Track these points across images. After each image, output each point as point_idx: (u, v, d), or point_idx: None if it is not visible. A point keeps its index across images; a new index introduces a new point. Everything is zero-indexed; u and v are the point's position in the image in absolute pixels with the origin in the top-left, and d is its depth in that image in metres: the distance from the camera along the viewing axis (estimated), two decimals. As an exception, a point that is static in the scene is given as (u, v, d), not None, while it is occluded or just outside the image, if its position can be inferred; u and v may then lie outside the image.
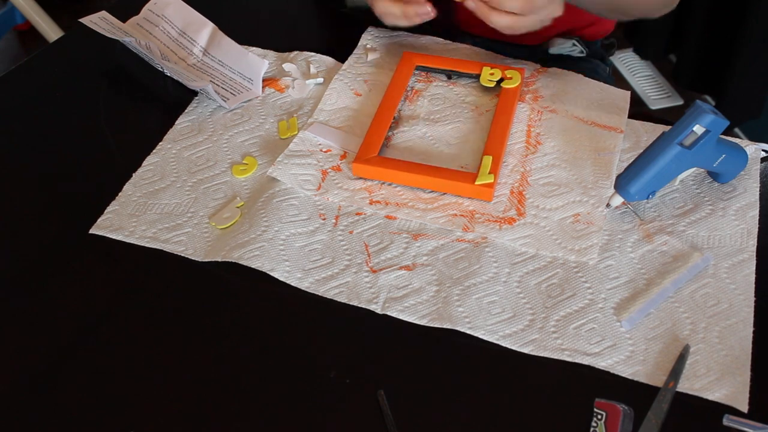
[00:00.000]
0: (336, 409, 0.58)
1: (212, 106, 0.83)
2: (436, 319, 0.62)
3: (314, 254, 0.68)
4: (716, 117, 0.63)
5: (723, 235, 0.67)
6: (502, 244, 0.68)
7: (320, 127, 0.79)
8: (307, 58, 0.88)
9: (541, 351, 0.60)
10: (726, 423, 0.55)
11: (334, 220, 0.70)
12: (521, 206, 0.70)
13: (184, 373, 0.61)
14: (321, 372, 0.60)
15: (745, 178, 0.71)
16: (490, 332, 0.61)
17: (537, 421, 0.57)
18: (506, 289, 0.64)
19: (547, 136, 0.77)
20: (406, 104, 0.81)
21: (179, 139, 0.80)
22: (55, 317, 0.65)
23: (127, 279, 0.68)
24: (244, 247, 0.67)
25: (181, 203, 0.73)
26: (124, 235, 0.70)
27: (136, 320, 0.64)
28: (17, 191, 0.77)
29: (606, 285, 0.64)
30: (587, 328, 0.61)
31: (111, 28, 0.88)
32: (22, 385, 0.60)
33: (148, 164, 0.77)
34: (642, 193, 0.66)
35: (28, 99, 0.88)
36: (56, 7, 2.09)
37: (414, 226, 0.70)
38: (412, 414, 0.57)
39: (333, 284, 0.65)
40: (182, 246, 0.69)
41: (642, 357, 0.59)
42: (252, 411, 0.58)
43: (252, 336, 0.63)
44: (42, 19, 1.98)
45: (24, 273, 0.68)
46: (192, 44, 0.89)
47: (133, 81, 0.89)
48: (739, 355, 0.59)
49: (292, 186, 0.73)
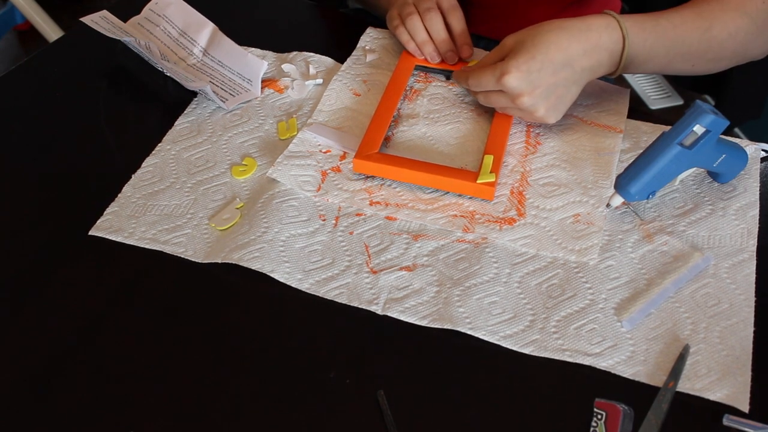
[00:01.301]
0: (336, 409, 0.58)
1: (211, 107, 0.83)
2: (437, 320, 0.62)
3: (314, 255, 0.68)
4: (716, 117, 0.63)
5: (723, 234, 0.67)
6: (502, 245, 0.67)
7: (320, 127, 0.79)
8: (306, 59, 0.88)
9: (541, 351, 0.60)
10: (726, 423, 0.55)
11: (334, 221, 0.70)
12: (521, 206, 0.70)
13: (183, 374, 0.61)
14: (321, 372, 0.60)
15: (745, 178, 0.71)
16: (490, 333, 0.61)
17: (537, 420, 0.57)
18: (507, 289, 0.64)
19: (547, 136, 0.77)
20: (405, 103, 0.81)
21: (178, 140, 0.80)
22: (55, 317, 0.65)
23: (126, 280, 0.67)
24: (244, 248, 0.67)
25: (181, 204, 0.73)
26: (124, 236, 0.70)
27: (136, 321, 0.64)
28: (17, 191, 0.77)
29: (606, 285, 0.64)
30: (588, 328, 0.61)
31: (111, 27, 0.88)
32: (22, 385, 0.60)
33: (147, 165, 0.77)
34: (642, 193, 0.66)
35: (28, 99, 0.88)
36: (56, 7, 2.09)
37: (414, 226, 0.70)
38: (412, 414, 0.57)
39: (333, 285, 0.65)
40: (182, 247, 0.69)
41: (643, 357, 0.59)
42: (252, 411, 0.58)
43: (252, 336, 0.63)
44: (42, 19, 1.98)
45: (24, 273, 0.68)
46: (192, 44, 0.89)
47: (133, 81, 0.89)
48: (739, 355, 0.59)
49: (292, 187, 0.73)
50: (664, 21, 0.72)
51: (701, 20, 0.73)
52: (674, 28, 0.72)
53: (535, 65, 0.69)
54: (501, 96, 0.72)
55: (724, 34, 0.73)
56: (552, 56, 0.69)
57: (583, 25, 0.70)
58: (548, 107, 0.72)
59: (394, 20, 0.84)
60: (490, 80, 0.71)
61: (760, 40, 0.76)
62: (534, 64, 0.69)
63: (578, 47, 0.70)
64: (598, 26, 0.70)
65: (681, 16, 0.73)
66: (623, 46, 0.71)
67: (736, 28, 0.73)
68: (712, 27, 0.73)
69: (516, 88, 0.70)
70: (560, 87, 0.71)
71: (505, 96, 0.72)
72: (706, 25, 0.73)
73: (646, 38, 0.72)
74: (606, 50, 0.71)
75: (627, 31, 0.70)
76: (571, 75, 0.70)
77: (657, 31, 0.72)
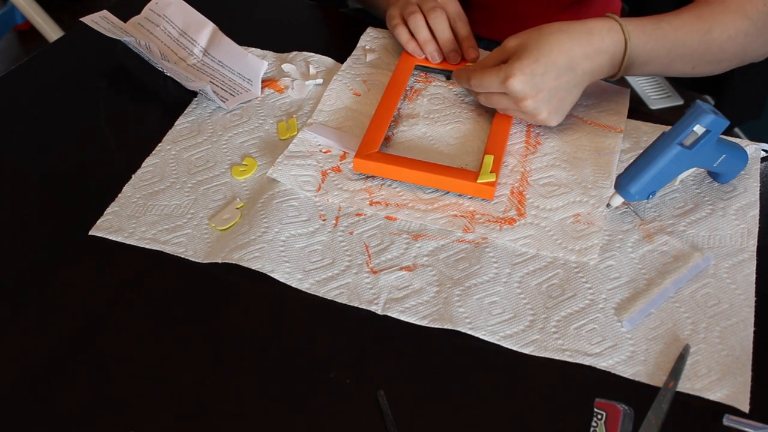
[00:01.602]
0: (336, 409, 0.58)
1: (211, 107, 0.83)
2: (437, 320, 0.62)
3: (314, 255, 0.68)
4: (717, 117, 0.63)
5: (723, 234, 0.67)
6: (502, 245, 0.67)
7: (320, 127, 0.79)
8: (306, 59, 0.88)
9: (542, 351, 0.60)
10: (726, 423, 0.55)
11: (334, 221, 0.70)
12: (521, 206, 0.70)
13: (183, 374, 0.61)
14: (321, 372, 0.60)
15: (745, 178, 0.71)
16: (491, 333, 0.61)
17: (537, 420, 0.57)
18: (507, 289, 0.64)
19: (547, 136, 0.77)
20: (405, 103, 0.81)
21: (179, 140, 0.80)
22: (55, 317, 0.65)
23: (127, 280, 0.67)
24: (244, 248, 0.67)
25: (181, 204, 0.73)
26: (124, 236, 0.70)
27: (136, 321, 0.64)
28: (17, 191, 0.76)
29: (606, 285, 0.64)
30: (588, 328, 0.61)
31: (112, 27, 0.88)
32: (22, 385, 0.60)
33: (147, 165, 0.77)
34: (642, 193, 0.66)
35: (28, 99, 0.88)
36: (56, 7, 2.10)
37: (414, 226, 0.70)
38: (412, 414, 0.57)
39: (333, 285, 0.65)
40: (182, 247, 0.69)
41: (643, 357, 0.59)
42: (252, 411, 0.58)
43: (252, 336, 0.63)
44: (42, 19, 1.98)
45: (24, 273, 0.68)
46: (192, 44, 0.89)
47: (133, 81, 0.88)
48: (740, 355, 0.59)
49: (292, 187, 0.73)
50: (664, 24, 0.72)
51: (701, 22, 0.73)
52: (675, 31, 0.72)
53: (539, 69, 0.69)
54: (504, 98, 0.73)
55: (724, 36, 0.73)
56: (555, 59, 0.69)
57: (585, 28, 0.70)
58: (551, 110, 0.72)
59: (393, 19, 0.84)
60: (493, 82, 0.71)
61: (759, 42, 0.76)
62: (538, 67, 0.69)
63: (580, 50, 0.70)
64: (600, 29, 0.70)
65: (681, 18, 0.73)
66: (625, 49, 0.71)
67: (736, 31, 0.73)
68: (712, 29, 0.73)
69: (520, 91, 0.70)
70: (562, 90, 0.71)
71: (508, 98, 0.72)
72: (707, 27, 0.73)
73: (647, 41, 0.72)
74: (607, 53, 0.71)
75: (629, 34, 0.70)
76: (573, 78, 0.70)
77: (658, 33, 0.72)
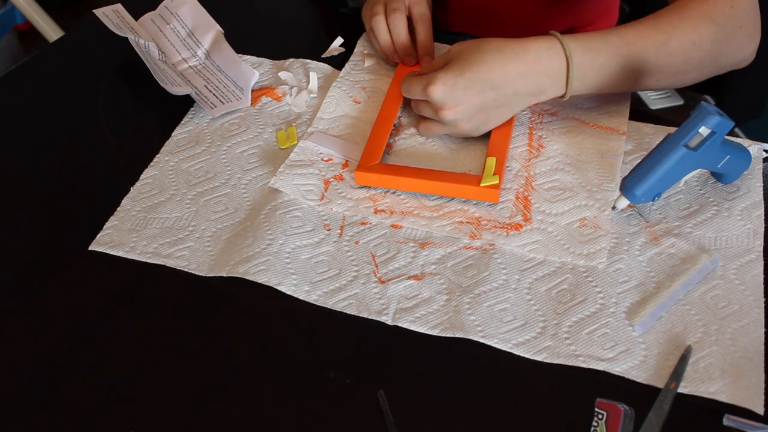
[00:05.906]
0: (336, 409, 0.58)
1: (208, 117, 0.82)
2: (448, 329, 0.62)
3: (321, 266, 0.67)
4: (722, 118, 0.63)
5: (729, 235, 0.67)
6: (510, 251, 0.67)
7: (321, 136, 0.78)
8: (304, 65, 0.87)
9: (555, 358, 0.60)
10: (726, 423, 0.55)
11: (339, 230, 0.70)
12: (527, 211, 0.70)
13: (184, 374, 0.60)
14: (321, 372, 0.60)
15: (748, 178, 0.72)
16: (503, 341, 0.61)
17: (538, 420, 0.56)
18: (516, 296, 0.64)
19: (550, 139, 0.76)
20: (406, 111, 0.81)
21: (176, 151, 0.78)
22: (55, 324, 0.64)
23: (129, 284, 0.67)
24: (249, 261, 0.66)
25: (182, 217, 0.72)
26: (125, 251, 0.69)
27: (137, 326, 0.64)
28: (17, 191, 0.76)
29: (616, 289, 0.64)
30: (600, 333, 0.61)
31: (120, 22, 0.86)
32: (22, 385, 0.60)
33: (146, 177, 0.76)
34: (648, 195, 0.66)
35: (28, 99, 0.87)
36: (56, 7, 2.10)
37: (420, 234, 0.69)
38: (412, 414, 0.57)
39: (342, 296, 0.64)
40: (185, 261, 0.68)
41: (655, 361, 0.59)
42: (252, 411, 0.58)
43: (252, 336, 0.63)
44: (42, 19, 1.98)
45: (23, 279, 0.68)
46: (197, 46, 0.88)
47: (134, 81, 0.88)
48: (752, 357, 0.59)
49: (295, 196, 0.72)
50: (614, 38, 0.69)
51: (658, 33, 0.70)
52: (627, 45, 0.69)
53: (462, 82, 0.68)
54: (427, 106, 0.72)
55: (686, 45, 0.70)
56: (482, 75, 0.68)
57: (522, 47, 0.68)
58: (471, 126, 0.71)
59: (364, 20, 0.86)
60: (417, 88, 0.71)
61: (732, 47, 0.72)
62: (461, 80, 0.68)
63: (514, 69, 0.68)
64: (537, 49, 0.68)
65: (636, 30, 0.70)
66: (567, 67, 0.69)
67: (701, 37, 0.70)
68: (670, 39, 0.70)
69: (439, 100, 0.69)
70: (487, 107, 0.70)
71: (430, 107, 0.71)
72: (664, 38, 0.70)
73: (594, 58, 0.69)
74: (547, 74, 0.69)
75: (570, 53, 0.68)
76: (501, 97, 0.69)
77: (607, 49, 0.69)
